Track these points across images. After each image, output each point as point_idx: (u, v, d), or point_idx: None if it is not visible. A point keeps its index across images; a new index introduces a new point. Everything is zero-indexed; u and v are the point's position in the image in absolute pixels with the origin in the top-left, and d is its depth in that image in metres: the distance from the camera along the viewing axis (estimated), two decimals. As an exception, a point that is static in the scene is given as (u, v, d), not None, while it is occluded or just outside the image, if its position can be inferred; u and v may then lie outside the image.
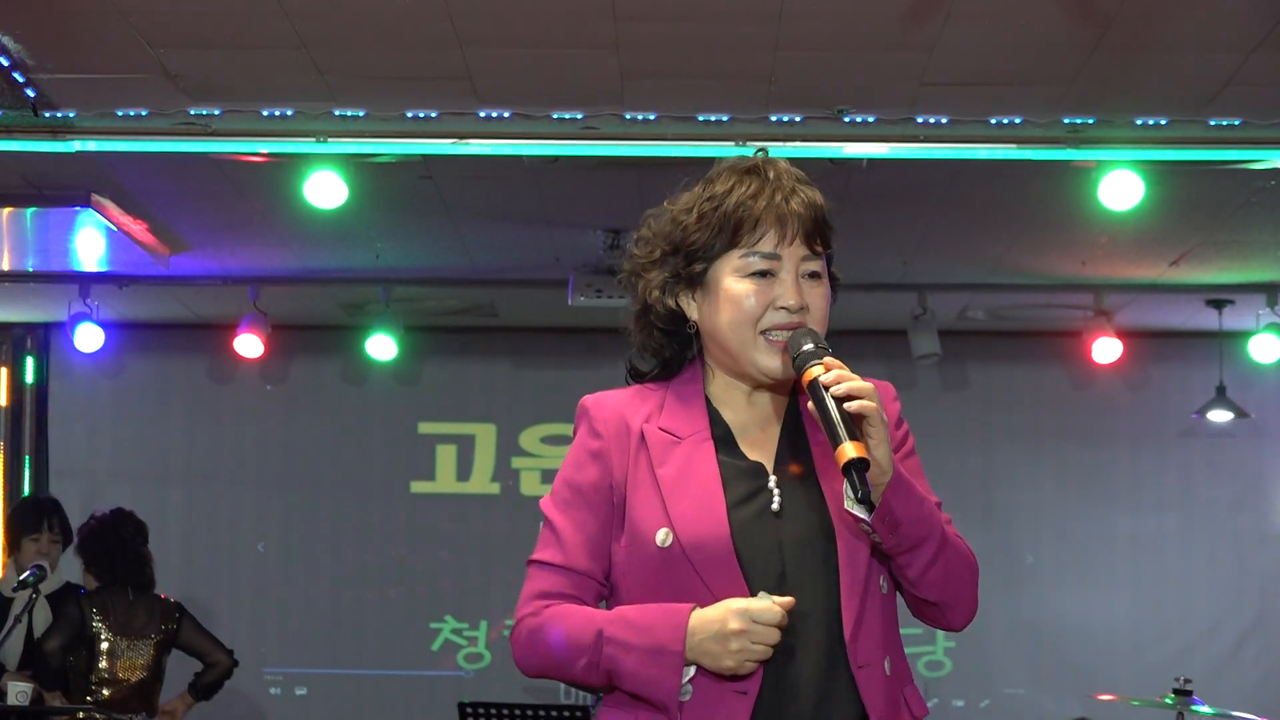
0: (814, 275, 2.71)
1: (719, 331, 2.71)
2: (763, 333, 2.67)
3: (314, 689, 10.01)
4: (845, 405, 2.53)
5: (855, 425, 2.53)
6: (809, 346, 2.61)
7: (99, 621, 7.12)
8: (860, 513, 2.58)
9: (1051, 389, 10.07)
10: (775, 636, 2.52)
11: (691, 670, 2.56)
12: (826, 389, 2.55)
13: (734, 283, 2.69)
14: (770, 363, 2.68)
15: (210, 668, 7.39)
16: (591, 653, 2.60)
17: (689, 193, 2.78)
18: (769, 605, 2.53)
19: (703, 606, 2.57)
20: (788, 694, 2.58)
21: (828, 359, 2.59)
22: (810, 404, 2.58)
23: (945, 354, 9.17)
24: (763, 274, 2.68)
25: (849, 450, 2.50)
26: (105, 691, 7.06)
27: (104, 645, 7.10)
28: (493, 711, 7.81)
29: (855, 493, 2.51)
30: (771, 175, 2.72)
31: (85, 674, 7.09)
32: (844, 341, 2.87)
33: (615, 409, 2.73)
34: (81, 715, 6.99)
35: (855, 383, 2.55)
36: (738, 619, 2.52)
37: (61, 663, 7.08)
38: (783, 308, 2.66)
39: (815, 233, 2.70)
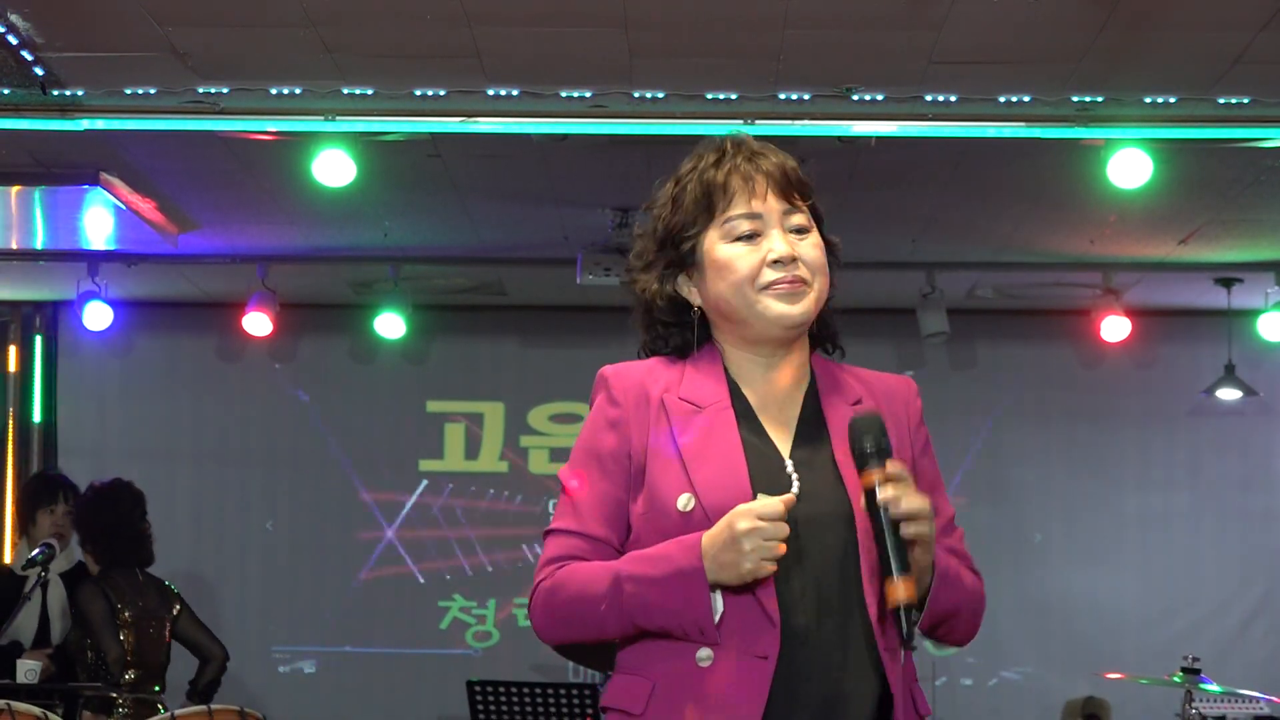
0: (801, 229, 2.72)
1: (723, 301, 2.71)
2: (763, 290, 2.67)
3: (322, 667, 10.03)
4: (901, 530, 2.50)
5: (908, 549, 2.51)
6: (870, 446, 2.56)
7: (121, 606, 7.04)
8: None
9: (1060, 367, 10.07)
10: (785, 530, 2.51)
11: (719, 600, 2.55)
12: (884, 508, 2.52)
13: (723, 249, 2.70)
14: (782, 308, 2.68)
15: (205, 664, 7.24)
16: (611, 596, 2.59)
17: (662, 190, 2.80)
18: (771, 500, 2.52)
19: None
20: (809, 666, 2.57)
21: (889, 463, 2.55)
22: (863, 503, 2.55)
23: (954, 332, 9.16)
24: (749, 236, 2.69)
25: (900, 592, 2.47)
26: (130, 674, 6.96)
27: (128, 629, 7.00)
28: (501, 690, 7.80)
29: (900, 631, 2.49)
30: (730, 146, 2.75)
31: (108, 660, 6.99)
32: (853, 320, 2.87)
33: (635, 378, 2.73)
34: (89, 693, 6.98)
35: (913, 504, 2.52)
36: (744, 519, 2.50)
37: (96, 664, 6.98)
38: (776, 260, 2.67)
39: (787, 187, 2.71)
